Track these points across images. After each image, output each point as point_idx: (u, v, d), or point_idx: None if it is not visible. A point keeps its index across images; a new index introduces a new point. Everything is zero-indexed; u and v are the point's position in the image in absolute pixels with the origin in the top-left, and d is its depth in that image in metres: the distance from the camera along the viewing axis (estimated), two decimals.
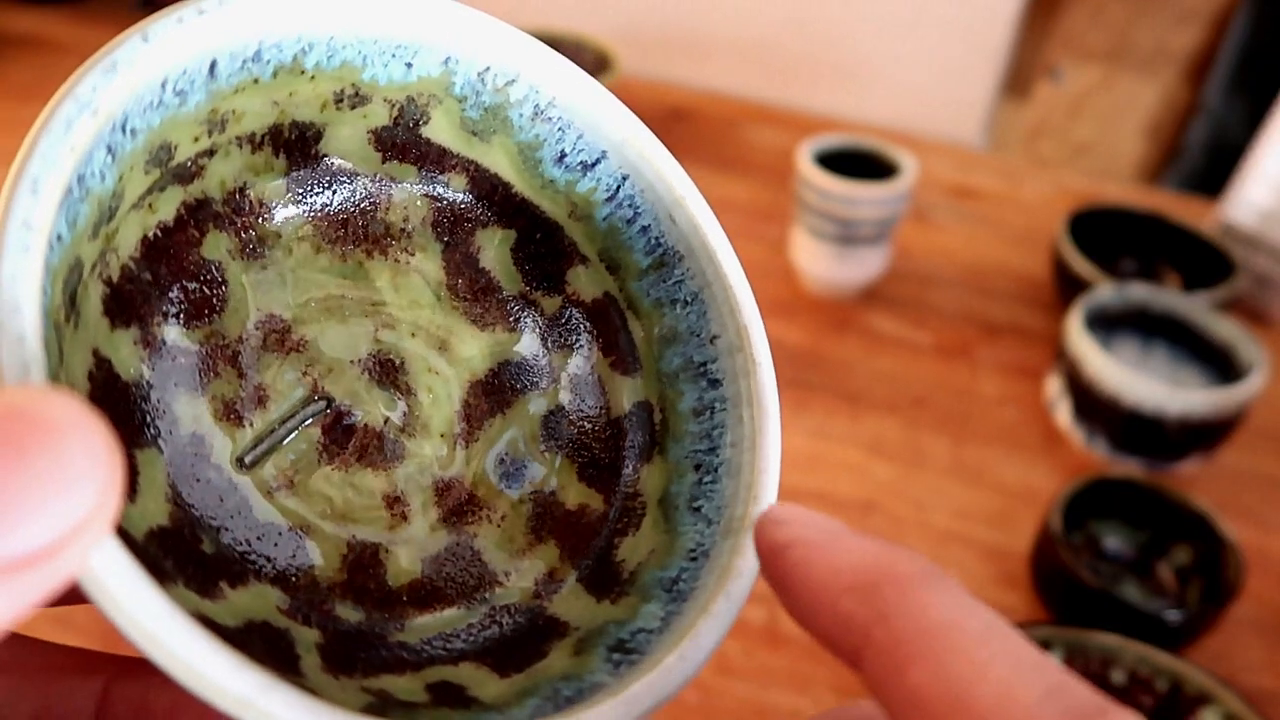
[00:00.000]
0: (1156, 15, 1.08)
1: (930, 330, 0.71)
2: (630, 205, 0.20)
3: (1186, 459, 0.57)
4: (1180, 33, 1.08)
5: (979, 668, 0.13)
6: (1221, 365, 0.61)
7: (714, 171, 0.86)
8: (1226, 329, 0.60)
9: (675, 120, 0.94)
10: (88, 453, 0.10)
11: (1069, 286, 0.68)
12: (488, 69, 0.19)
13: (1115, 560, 0.54)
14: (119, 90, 0.14)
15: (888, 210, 0.67)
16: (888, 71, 0.96)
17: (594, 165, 0.20)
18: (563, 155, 0.20)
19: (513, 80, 0.19)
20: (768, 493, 0.19)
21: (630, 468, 0.21)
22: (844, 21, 0.95)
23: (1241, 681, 0.49)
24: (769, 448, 0.19)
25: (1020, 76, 1.13)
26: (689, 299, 0.20)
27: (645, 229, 0.20)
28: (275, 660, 0.16)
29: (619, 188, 0.20)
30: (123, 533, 0.15)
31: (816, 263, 0.70)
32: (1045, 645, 0.45)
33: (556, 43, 0.52)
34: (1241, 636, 0.51)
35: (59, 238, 0.14)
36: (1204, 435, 0.55)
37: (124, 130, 0.14)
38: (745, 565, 0.18)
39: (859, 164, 0.69)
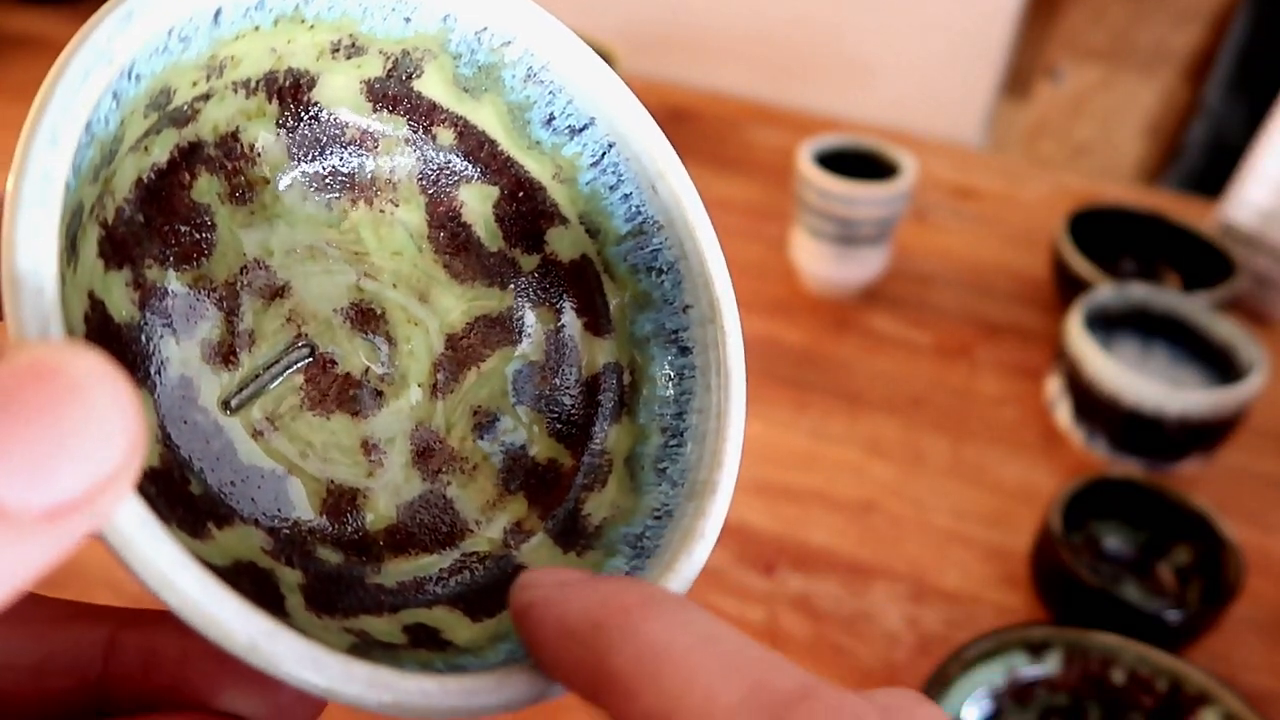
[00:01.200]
0: (1156, 15, 1.08)
1: (930, 330, 0.71)
2: (614, 172, 0.21)
3: (1186, 459, 0.57)
4: (1180, 33, 1.08)
5: (687, 680, 0.13)
6: (1221, 365, 0.61)
7: (714, 171, 0.86)
8: (1226, 329, 0.60)
9: (676, 120, 0.94)
10: (115, 408, 0.11)
11: (1069, 286, 0.68)
12: (485, 29, 0.19)
13: (1115, 560, 0.54)
14: (132, 38, 0.14)
15: (888, 210, 0.67)
16: (888, 71, 0.96)
17: (581, 130, 0.21)
18: (551, 118, 0.21)
19: (509, 41, 0.19)
20: (731, 460, 0.19)
21: (598, 426, 0.22)
22: (844, 21, 0.95)
23: (1241, 681, 0.49)
24: (734, 416, 0.20)
25: (1020, 76, 1.13)
26: (665, 268, 0.21)
27: (627, 196, 0.21)
28: (262, 600, 0.16)
29: (604, 154, 0.21)
30: None
31: (816, 263, 0.70)
32: (1045, 645, 0.45)
33: None
34: (1241, 636, 0.51)
35: (66, 185, 0.14)
36: (1204, 435, 0.55)
37: (130, 76, 0.15)
38: (708, 528, 0.19)
39: (859, 164, 0.69)
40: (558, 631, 0.15)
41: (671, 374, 0.21)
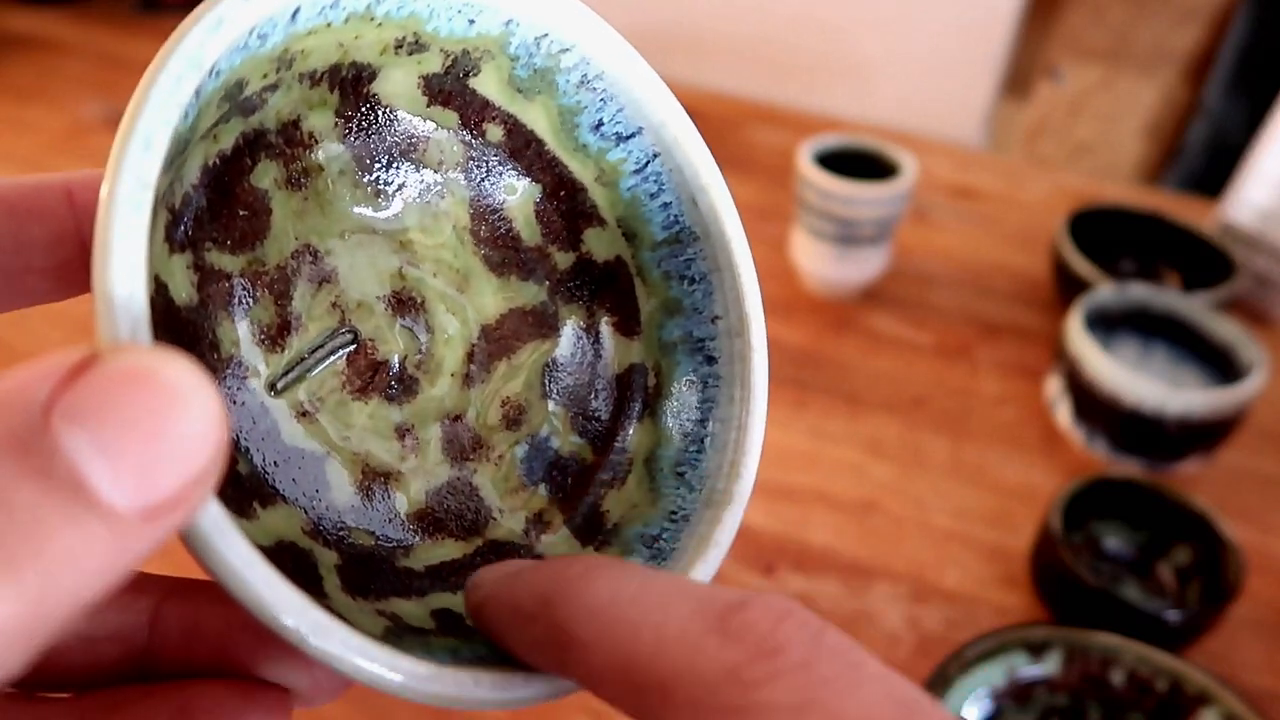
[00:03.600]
0: (1156, 15, 1.08)
1: (930, 330, 0.71)
2: (656, 181, 0.21)
3: (1186, 459, 0.57)
4: (1180, 33, 1.08)
5: (635, 625, 0.14)
6: (1221, 365, 0.61)
7: None
8: (1226, 329, 0.60)
9: None
10: (206, 413, 0.12)
11: (1069, 286, 0.68)
12: (546, 35, 0.19)
13: (1115, 560, 0.54)
14: (220, 43, 0.15)
15: (888, 210, 0.67)
16: (888, 71, 0.96)
17: (628, 139, 0.21)
18: (600, 124, 0.21)
19: (567, 48, 0.20)
20: (749, 473, 0.20)
21: (622, 425, 0.22)
22: (844, 21, 0.95)
23: (1241, 681, 0.49)
24: (755, 430, 0.20)
25: (1020, 76, 1.13)
26: (697, 277, 0.21)
27: (666, 205, 0.21)
28: (302, 580, 0.17)
29: (648, 163, 0.21)
30: None
31: (816, 263, 0.70)
32: (1045, 645, 0.45)
33: None
34: (1241, 636, 0.51)
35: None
36: (1204, 435, 0.55)
37: (212, 74, 0.15)
38: (723, 537, 0.19)
39: (859, 164, 0.69)
40: (513, 615, 0.16)
41: (696, 381, 0.21)
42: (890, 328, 0.71)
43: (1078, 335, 0.58)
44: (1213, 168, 1.05)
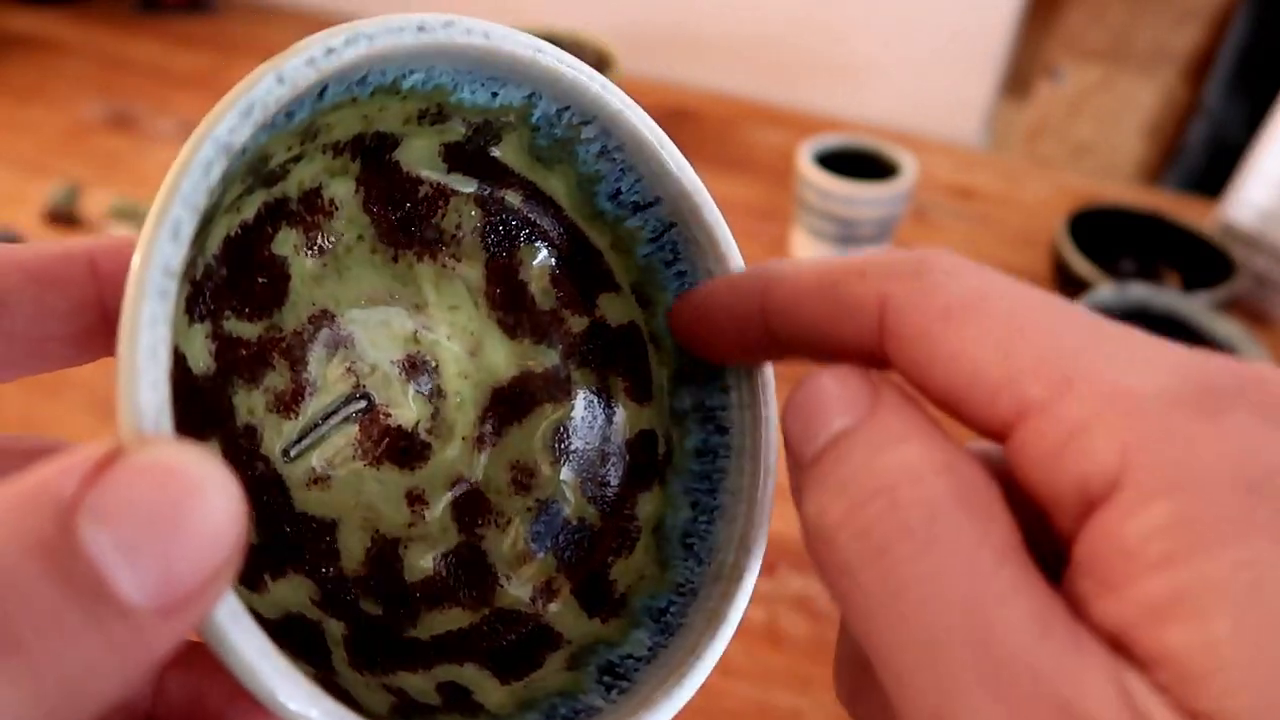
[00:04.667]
0: (1156, 15, 1.08)
1: None
2: (672, 250, 0.21)
3: None
4: (1180, 33, 1.08)
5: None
6: None
7: (714, 171, 0.86)
8: (1226, 329, 0.60)
9: (676, 120, 0.94)
10: (227, 509, 0.12)
11: (1069, 286, 0.68)
12: (568, 108, 0.19)
13: None
14: (250, 127, 0.15)
15: (888, 210, 0.67)
16: (888, 71, 0.96)
17: (645, 208, 0.21)
18: (618, 193, 0.21)
19: (588, 121, 0.20)
20: (759, 547, 0.19)
21: (630, 491, 0.22)
22: (844, 21, 0.95)
23: None
24: (765, 503, 0.20)
25: (1020, 76, 1.13)
26: None
27: (681, 274, 0.21)
28: (310, 655, 0.17)
29: (664, 233, 0.21)
30: None
31: None
32: None
33: (557, 42, 0.51)
34: None
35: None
36: None
37: (240, 153, 0.15)
38: (732, 612, 0.19)
39: (859, 164, 0.69)
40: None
41: (706, 450, 0.21)
42: None
43: None
44: (1213, 168, 1.05)
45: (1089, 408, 0.13)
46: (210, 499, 0.11)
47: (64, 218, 0.75)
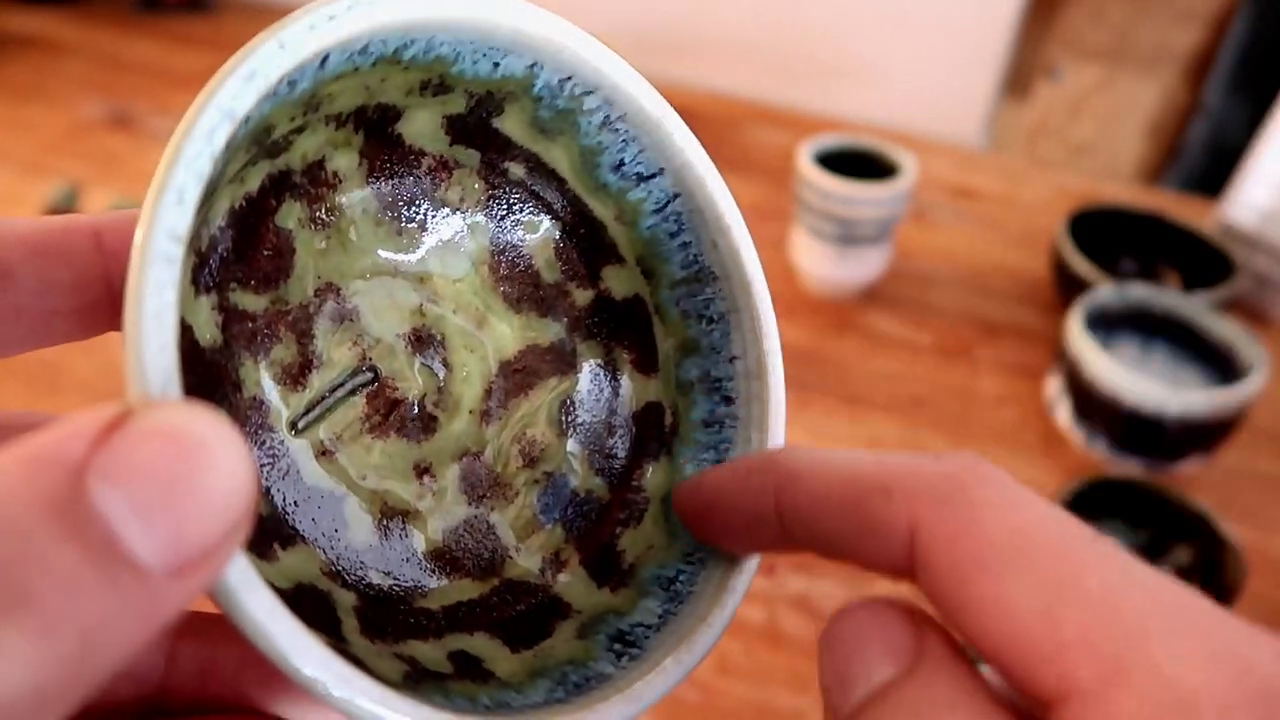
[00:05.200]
0: (1156, 15, 1.08)
1: (930, 330, 0.71)
2: (676, 221, 0.21)
3: (1186, 459, 0.57)
4: (1180, 33, 1.08)
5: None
6: (1221, 365, 0.61)
7: None
8: (1226, 329, 0.60)
9: None
10: (236, 470, 0.12)
11: (1069, 287, 0.68)
12: (570, 78, 0.19)
13: None
14: (253, 94, 0.15)
15: (888, 210, 0.67)
16: (888, 71, 0.96)
17: (649, 179, 0.21)
18: (621, 164, 0.21)
19: (590, 91, 0.20)
20: None
21: (638, 463, 0.22)
22: (844, 21, 0.95)
23: None
24: None
25: (1020, 76, 1.13)
26: (716, 317, 0.21)
27: (686, 245, 0.21)
28: (321, 624, 0.17)
29: (668, 204, 0.21)
30: None
31: (817, 263, 0.70)
32: None
33: None
34: None
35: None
36: (1204, 435, 0.55)
37: (243, 122, 0.15)
38: (740, 583, 0.19)
39: (859, 164, 0.69)
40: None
41: (712, 421, 0.21)
42: (890, 328, 0.71)
43: (1078, 335, 0.58)
44: (1213, 168, 1.05)
45: (1143, 711, 0.12)
46: (220, 460, 0.11)
47: None
